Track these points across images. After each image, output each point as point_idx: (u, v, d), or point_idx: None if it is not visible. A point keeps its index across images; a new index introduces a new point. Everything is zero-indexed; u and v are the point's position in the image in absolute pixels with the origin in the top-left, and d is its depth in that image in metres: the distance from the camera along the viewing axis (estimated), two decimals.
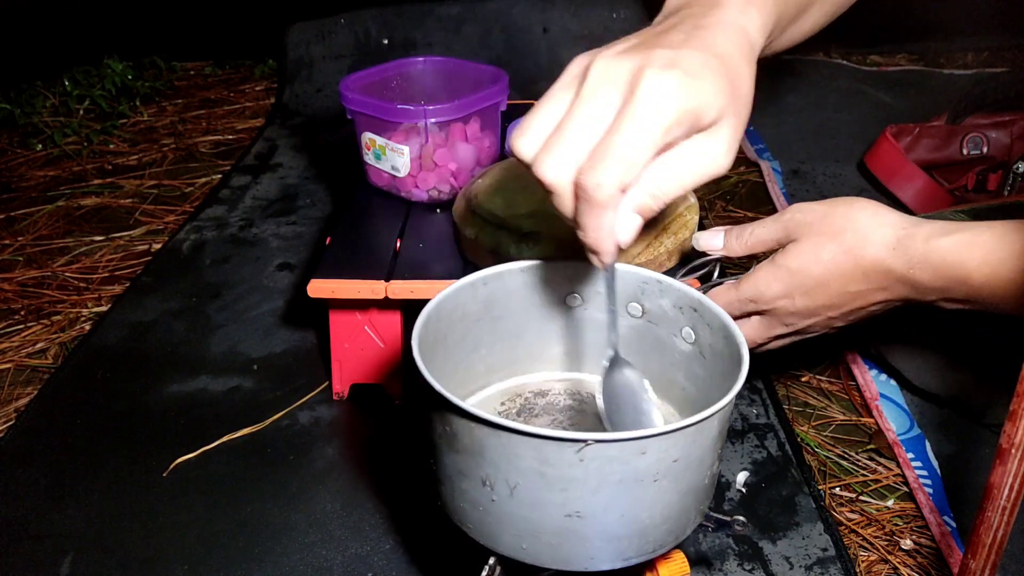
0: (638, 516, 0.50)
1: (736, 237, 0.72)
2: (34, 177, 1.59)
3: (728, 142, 0.53)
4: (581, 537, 0.50)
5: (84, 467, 0.87)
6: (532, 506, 0.50)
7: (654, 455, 0.47)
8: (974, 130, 1.38)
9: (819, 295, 0.68)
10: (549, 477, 0.48)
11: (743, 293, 0.70)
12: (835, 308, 0.69)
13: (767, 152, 1.60)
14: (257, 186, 1.53)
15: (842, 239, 0.66)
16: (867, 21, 2.03)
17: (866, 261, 0.65)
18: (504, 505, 0.51)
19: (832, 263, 0.66)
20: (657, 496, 0.50)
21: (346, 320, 0.91)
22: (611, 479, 0.48)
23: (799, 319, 0.70)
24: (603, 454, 0.47)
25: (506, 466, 0.49)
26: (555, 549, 0.51)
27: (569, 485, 0.48)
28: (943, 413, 0.94)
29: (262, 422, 0.93)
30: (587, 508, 0.49)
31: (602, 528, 0.50)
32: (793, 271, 0.68)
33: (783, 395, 0.98)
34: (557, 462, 0.47)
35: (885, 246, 0.65)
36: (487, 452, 0.49)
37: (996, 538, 0.53)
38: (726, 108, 0.53)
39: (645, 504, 0.50)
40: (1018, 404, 0.48)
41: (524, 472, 0.48)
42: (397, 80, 1.08)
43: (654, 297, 0.63)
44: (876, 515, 0.82)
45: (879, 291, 0.67)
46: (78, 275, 1.27)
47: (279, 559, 0.76)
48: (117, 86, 1.85)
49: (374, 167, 1.01)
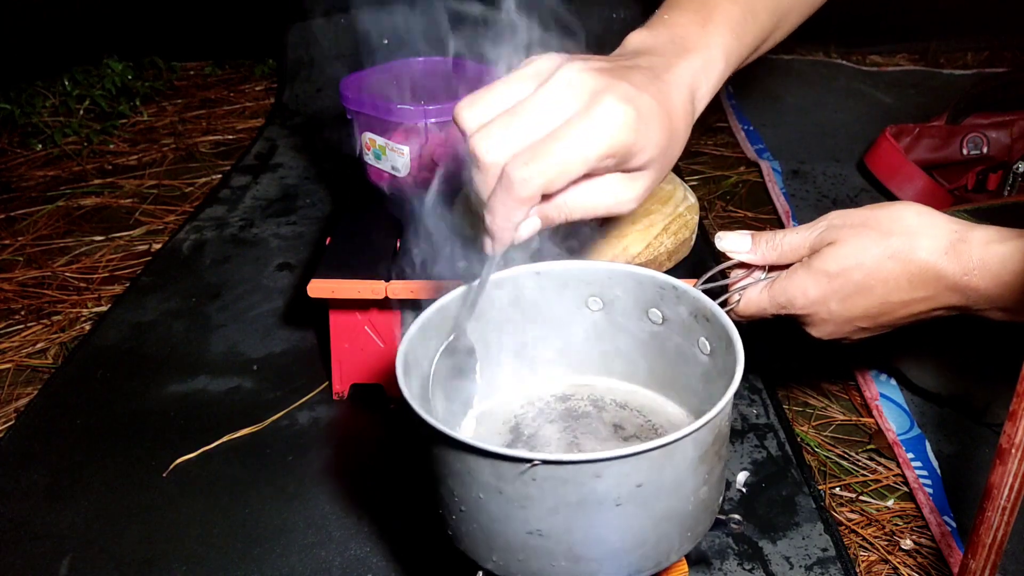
0: (605, 539, 0.49)
1: (767, 242, 0.67)
2: (34, 177, 1.59)
3: (641, 190, 0.55)
4: (547, 554, 0.49)
5: (84, 467, 0.87)
6: (497, 520, 0.49)
7: (612, 479, 0.46)
8: (974, 130, 1.38)
9: (857, 303, 0.63)
10: (507, 494, 0.48)
11: (774, 299, 0.66)
12: (871, 318, 0.65)
13: (767, 152, 1.60)
14: (257, 186, 1.53)
15: (888, 243, 0.62)
16: (867, 21, 2.04)
17: (914, 266, 0.61)
18: (473, 516, 0.51)
19: (876, 268, 0.62)
20: (623, 521, 0.48)
21: (346, 320, 0.91)
22: (568, 500, 0.47)
23: (829, 332, 0.67)
24: (555, 475, 0.46)
25: (469, 479, 0.49)
26: (524, 565, 0.51)
27: (527, 503, 0.47)
28: (943, 413, 0.94)
29: (262, 422, 0.93)
30: (547, 527, 0.48)
31: (566, 548, 0.49)
32: (832, 275, 0.63)
33: (783, 395, 0.98)
34: (511, 480, 0.47)
35: (937, 250, 0.61)
36: (452, 465, 0.50)
37: (996, 538, 0.53)
38: (654, 160, 0.54)
39: (611, 528, 0.49)
40: (1018, 404, 0.48)
41: (485, 487, 0.48)
42: (397, 80, 1.08)
43: (671, 304, 0.61)
44: (876, 515, 0.82)
45: (923, 300, 0.62)
46: (78, 275, 1.27)
47: (278, 560, 0.76)
48: (117, 86, 1.85)
49: (374, 167, 1.01)
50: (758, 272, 0.68)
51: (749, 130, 1.69)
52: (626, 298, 0.64)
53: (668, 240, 0.79)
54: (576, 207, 0.54)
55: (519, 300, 0.65)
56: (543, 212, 0.53)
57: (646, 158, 0.54)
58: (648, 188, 0.56)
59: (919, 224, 0.62)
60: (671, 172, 0.89)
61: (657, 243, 0.79)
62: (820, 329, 0.67)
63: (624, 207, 0.55)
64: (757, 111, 1.77)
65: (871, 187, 1.45)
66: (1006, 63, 1.95)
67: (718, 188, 1.49)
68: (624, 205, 0.55)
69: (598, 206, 0.54)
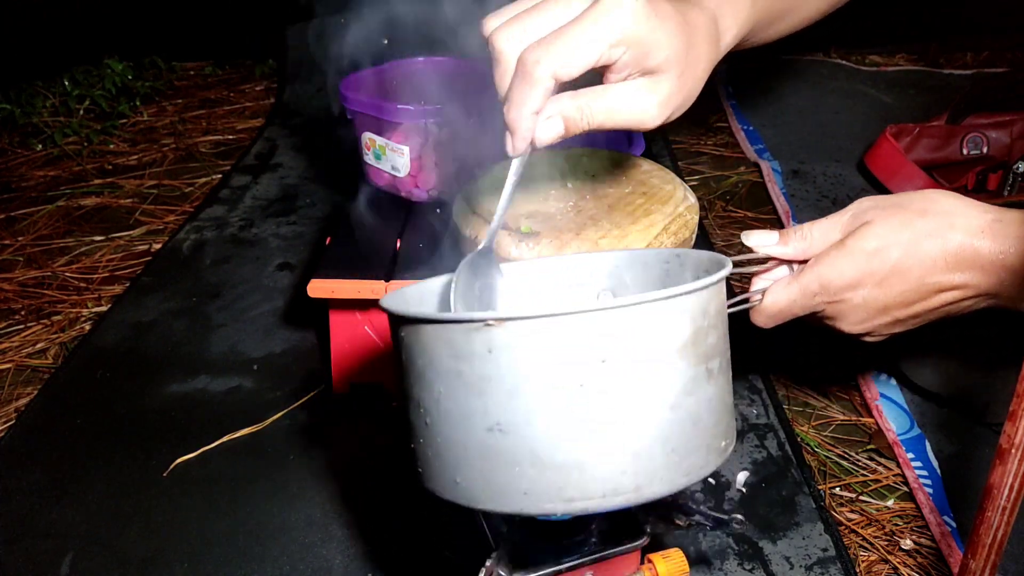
0: (569, 436, 0.44)
1: (795, 232, 0.65)
2: (34, 177, 1.59)
3: (663, 97, 0.56)
4: (509, 460, 0.45)
5: (84, 467, 0.87)
6: (456, 421, 0.46)
7: (569, 346, 0.42)
8: (974, 130, 1.38)
9: (894, 285, 0.61)
10: (465, 376, 0.44)
11: (806, 285, 0.62)
12: (906, 305, 0.62)
13: (767, 152, 1.60)
14: (257, 186, 1.53)
15: (924, 221, 0.60)
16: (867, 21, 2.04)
17: (953, 244, 0.59)
18: (437, 426, 0.47)
19: (913, 246, 0.60)
20: (589, 412, 0.43)
21: (346, 320, 0.91)
22: (525, 376, 0.43)
23: (860, 321, 0.64)
24: (509, 342, 0.42)
25: (430, 373, 0.46)
26: (487, 479, 0.46)
27: (485, 386, 0.44)
28: (943, 413, 0.94)
29: (262, 422, 0.93)
30: (508, 418, 0.44)
31: (528, 447, 0.44)
32: (869, 253, 0.61)
33: (783, 395, 0.98)
34: (468, 355, 0.44)
35: (974, 228, 0.59)
36: (415, 360, 0.47)
37: (996, 538, 0.53)
38: (672, 62, 0.55)
39: (575, 418, 0.43)
40: (1018, 404, 0.48)
41: (444, 376, 0.45)
42: (397, 80, 1.08)
43: (677, 274, 0.59)
44: (876, 515, 0.82)
45: (960, 286, 0.60)
46: (78, 275, 1.27)
47: (279, 559, 0.76)
48: (117, 86, 1.85)
49: (374, 167, 1.01)
50: (780, 268, 0.66)
51: (749, 130, 1.69)
52: (635, 286, 0.63)
53: (668, 240, 0.79)
54: (598, 111, 0.54)
55: (526, 295, 0.64)
56: (565, 114, 0.54)
57: (662, 57, 0.54)
58: (671, 96, 0.56)
59: (954, 205, 0.61)
60: (670, 172, 0.89)
61: (657, 243, 0.79)
62: (851, 319, 0.64)
63: (647, 116, 0.56)
64: (757, 111, 1.77)
65: (871, 187, 1.45)
66: (1006, 63, 1.95)
67: (718, 188, 1.49)
68: (646, 113, 0.55)
69: (620, 111, 0.55)
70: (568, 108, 0.54)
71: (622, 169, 0.89)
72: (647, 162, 0.92)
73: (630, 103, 0.55)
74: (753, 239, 0.66)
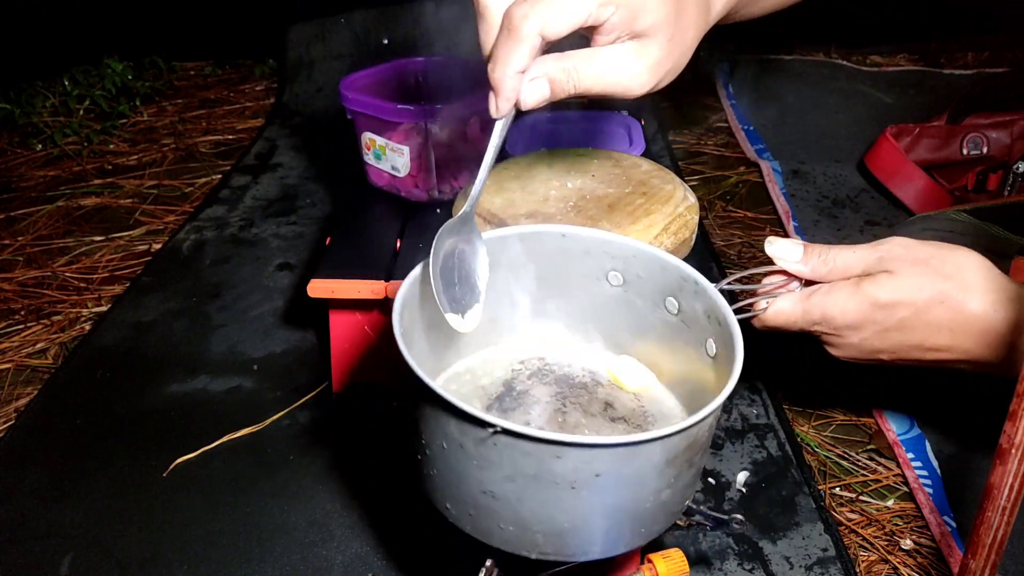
0: (554, 517, 0.49)
1: (820, 255, 0.64)
2: (34, 177, 1.59)
3: (652, 62, 0.54)
4: (497, 517, 0.50)
5: (84, 467, 0.87)
6: (455, 472, 0.50)
7: (571, 463, 0.46)
8: (974, 130, 1.38)
9: (892, 339, 0.62)
10: (468, 450, 0.48)
11: (809, 313, 0.63)
12: (898, 354, 0.63)
13: (767, 152, 1.60)
14: (257, 186, 1.53)
15: (944, 287, 0.60)
16: (867, 21, 2.04)
17: (963, 317, 0.60)
18: (435, 462, 0.52)
19: (925, 310, 0.60)
20: (576, 504, 0.48)
21: (346, 320, 0.91)
22: (524, 472, 0.47)
23: (851, 356, 0.65)
24: (515, 446, 0.46)
25: (436, 427, 0.50)
26: (474, 520, 0.52)
27: (485, 465, 0.48)
28: (943, 413, 0.94)
29: (262, 422, 0.93)
30: (501, 492, 0.49)
31: (515, 515, 0.50)
32: (878, 305, 0.61)
33: (783, 395, 0.98)
34: (473, 439, 0.47)
35: (995, 302, 0.59)
36: (423, 409, 0.51)
37: (996, 538, 0.53)
38: (661, 26, 0.54)
39: (562, 508, 0.49)
40: (1018, 404, 0.48)
41: (448, 438, 0.49)
42: (397, 80, 1.08)
43: (689, 298, 0.61)
44: (876, 515, 0.82)
45: (955, 352, 0.61)
46: (78, 275, 1.27)
47: (279, 559, 0.76)
48: (117, 86, 1.85)
49: (374, 167, 1.01)
50: (794, 283, 0.66)
51: (749, 130, 1.69)
52: (647, 280, 0.63)
53: (668, 240, 0.79)
54: (585, 74, 0.53)
55: (539, 256, 0.65)
56: (551, 75, 0.53)
57: (651, 20, 0.53)
58: (659, 63, 0.55)
59: (982, 276, 0.60)
60: (671, 172, 0.89)
61: (657, 243, 0.79)
62: (842, 351, 0.65)
63: (635, 81, 0.54)
64: (757, 111, 1.77)
65: (871, 187, 1.45)
66: (1006, 63, 1.95)
67: (718, 188, 1.49)
68: (635, 78, 0.54)
69: (608, 75, 0.54)
70: (554, 70, 0.53)
71: (622, 169, 0.89)
72: (647, 162, 0.92)
73: (618, 67, 0.54)
74: (775, 249, 0.65)
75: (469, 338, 0.64)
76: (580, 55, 0.53)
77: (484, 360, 0.68)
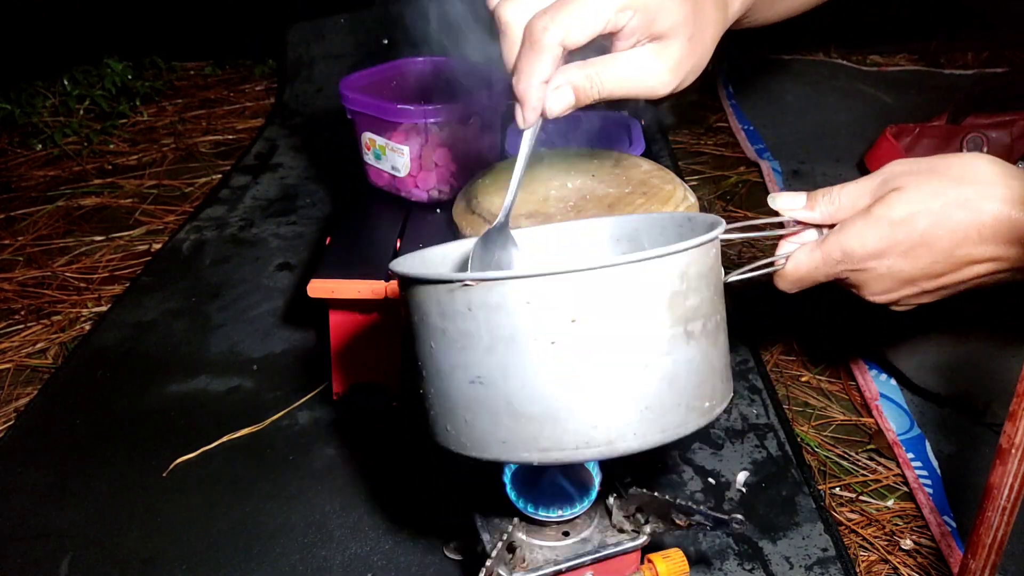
0: (541, 391, 0.46)
1: (824, 196, 0.62)
2: (34, 177, 1.59)
3: (673, 63, 0.55)
4: (489, 410, 0.47)
5: (84, 467, 0.87)
6: (444, 374, 0.49)
7: (541, 310, 0.44)
8: (974, 130, 1.38)
9: (921, 256, 0.58)
10: (449, 333, 0.47)
11: (829, 252, 0.60)
12: (932, 277, 0.59)
13: (767, 152, 1.60)
14: (257, 186, 1.53)
15: (959, 190, 0.57)
16: (867, 21, 2.04)
17: (987, 216, 0.56)
18: (429, 379, 0.50)
19: (944, 216, 0.56)
20: (560, 369, 0.45)
21: (346, 320, 0.91)
22: (500, 334, 0.45)
23: (886, 291, 0.61)
24: (486, 301, 0.44)
25: (423, 329, 0.49)
26: (470, 427, 0.48)
27: (467, 343, 0.46)
28: (943, 413, 0.94)
29: (262, 422, 0.93)
30: (487, 372, 0.46)
31: (506, 400, 0.46)
32: (895, 223, 0.58)
33: (783, 395, 0.98)
34: (451, 313, 0.46)
35: (1013, 199, 0.56)
36: (412, 316, 0.50)
37: (996, 538, 0.53)
38: (680, 26, 0.54)
39: (547, 374, 0.45)
40: (1018, 404, 0.48)
41: (432, 331, 0.48)
42: (397, 80, 1.08)
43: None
44: (876, 515, 0.82)
45: (991, 260, 0.57)
46: (78, 275, 1.27)
47: (279, 559, 0.76)
48: (117, 86, 1.85)
49: (374, 167, 1.01)
50: (808, 233, 0.64)
51: (749, 130, 1.69)
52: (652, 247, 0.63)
53: None
54: (608, 79, 0.54)
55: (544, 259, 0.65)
56: (574, 83, 0.54)
57: (669, 21, 0.53)
58: (680, 63, 0.55)
59: (993, 173, 0.58)
60: (671, 172, 0.89)
61: None
62: (874, 288, 0.61)
63: (658, 82, 0.55)
64: (757, 111, 1.77)
65: None
66: (1006, 63, 1.95)
67: (718, 188, 1.49)
68: (658, 79, 0.55)
69: (630, 78, 0.54)
70: (577, 77, 0.54)
71: (622, 169, 0.89)
72: (647, 162, 0.92)
73: (640, 70, 0.54)
74: (779, 202, 0.64)
75: None
76: (602, 61, 0.54)
77: None
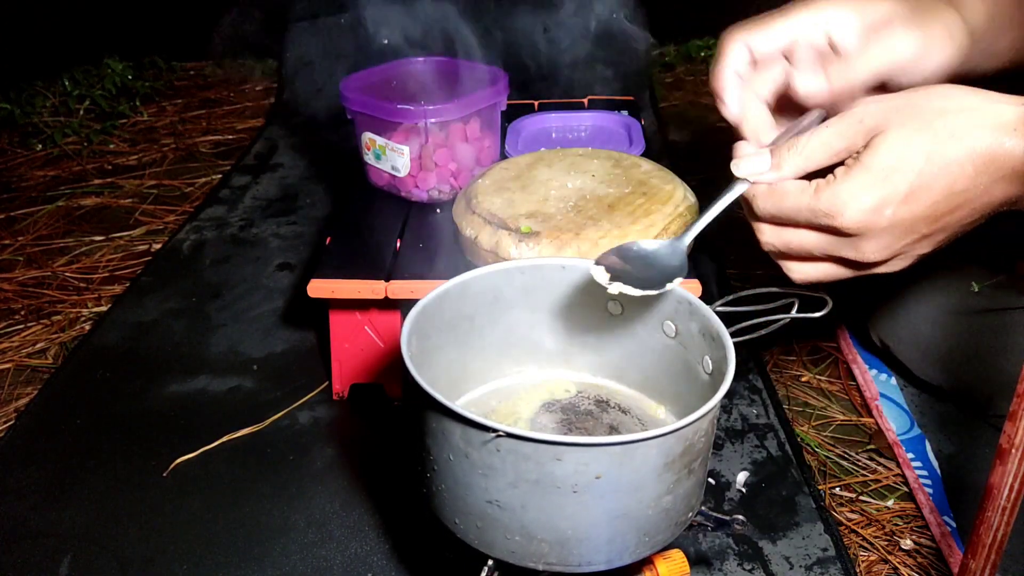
0: (558, 523, 0.50)
1: (788, 149, 0.57)
2: (34, 177, 1.59)
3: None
4: (502, 527, 0.52)
5: (84, 467, 0.87)
6: (461, 484, 0.52)
7: (571, 465, 0.48)
8: None
9: (920, 200, 0.54)
10: (472, 459, 0.50)
11: (819, 203, 0.55)
12: (933, 220, 0.55)
13: None
14: (257, 186, 1.53)
15: (945, 120, 0.53)
16: None
17: (981, 146, 0.52)
18: (443, 477, 0.53)
19: (936, 152, 0.52)
20: (578, 509, 0.50)
21: (346, 320, 0.91)
22: (527, 477, 0.49)
23: (884, 242, 0.56)
24: (517, 450, 0.48)
25: (442, 439, 0.51)
26: (481, 532, 0.53)
27: (489, 472, 0.50)
28: (944, 412, 0.94)
29: (262, 422, 0.93)
30: (505, 500, 0.50)
31: (520, 524, 0.51)
32: (888, 171, 0.53)
33: (783, 395, 0.98)
34: (478, 446, 0.49)
35: (1003, 126, 0.52)
36: (430, 424, 0.52)
37: (996, 538, 0.53)
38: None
39: (565, 513, 0.50)
40: (1018, 404, 0.48)
41: (454, 449, 0.51)
42: (397, 80, 1.08)
43: (684, 319, 0.62)
44: (876, 515, 0.82)
45: (985, 191, 0.54)
46: (78, 275, 1.27)
47: (279, 559, 0.76)
48: (117, 86, 1.85)
49: (374, 167, 1.01)
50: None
51: None
52: (645, 307, 0.64)
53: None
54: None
55: (540, 289, 0.66)
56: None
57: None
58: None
59: (978, 101, 0.54)
60: (670, 172, 0.89)
61: None
62: (874, 244, 0.56)
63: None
64: None
65: None
66: None
67: (718, 188, 1.49)
68: None
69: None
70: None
71: (622, 169, 0.89)
72: (647, 162, 0.92)
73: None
74: (743, 168, 0.61)
75: (473, 372, 0.67)
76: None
77: (488, 394, 0.69)
